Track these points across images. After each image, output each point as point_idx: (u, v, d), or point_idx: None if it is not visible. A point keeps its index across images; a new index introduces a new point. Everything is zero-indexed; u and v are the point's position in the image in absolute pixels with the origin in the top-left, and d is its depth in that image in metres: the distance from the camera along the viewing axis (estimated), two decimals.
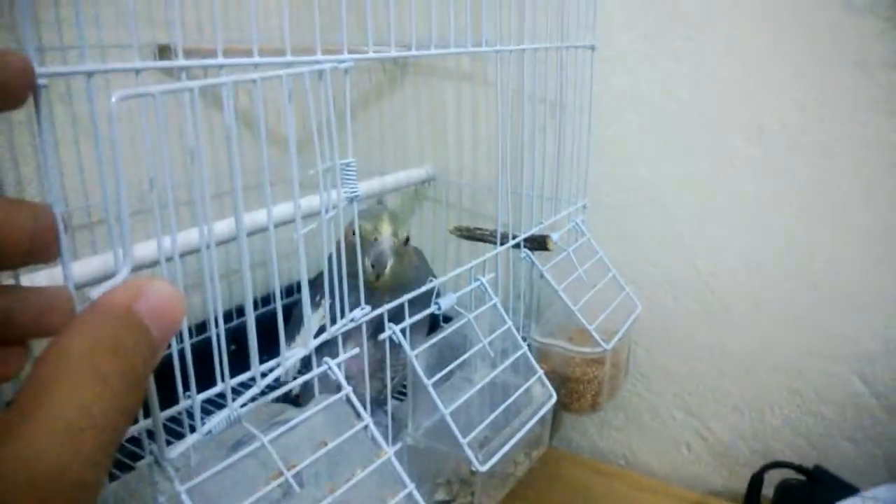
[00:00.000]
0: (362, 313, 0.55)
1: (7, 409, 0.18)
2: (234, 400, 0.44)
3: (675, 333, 0.96)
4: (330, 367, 0.52)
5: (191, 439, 0.40)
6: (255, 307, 0.50)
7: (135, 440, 0.40)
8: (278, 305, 0.47)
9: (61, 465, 0.17)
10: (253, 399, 0.45)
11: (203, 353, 0.42)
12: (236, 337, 0.47)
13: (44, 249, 0.24)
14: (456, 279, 0.69)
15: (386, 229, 0.66)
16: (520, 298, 0.82)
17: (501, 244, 0.74)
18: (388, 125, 1.13)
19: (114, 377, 0.19)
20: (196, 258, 0.44)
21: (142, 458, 0.40)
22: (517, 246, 0.77)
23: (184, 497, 0.41)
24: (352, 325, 0.54)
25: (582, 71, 0.89)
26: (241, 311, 0.58)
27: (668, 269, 0.94)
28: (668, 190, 0.92)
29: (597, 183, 0.95)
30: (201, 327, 0.53)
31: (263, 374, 0.46)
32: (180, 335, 0.39)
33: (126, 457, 0.46)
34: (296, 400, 0.67)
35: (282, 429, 0.46)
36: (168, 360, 0.37)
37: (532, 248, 0.78)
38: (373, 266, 0.64)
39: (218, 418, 0.41)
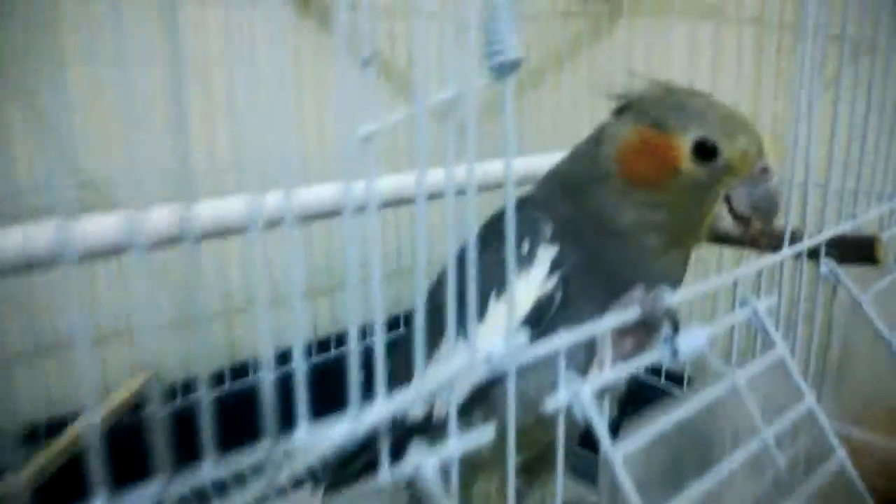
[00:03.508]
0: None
1: None
2: None
3: None
4: None
5: None
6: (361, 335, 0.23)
7: None
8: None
9: None
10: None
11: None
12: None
13: None
14: (701, 303, 0.36)
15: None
16: (809, 342, 0.46)
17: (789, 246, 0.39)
18: (585, 88, 0.82)
19: None
20: None
21: None
22: (813, 254, 0.42)
23: None
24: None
25: None
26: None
27: None
28: None
29: None
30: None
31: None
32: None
33: None
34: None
35: None
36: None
37: (842, 259, 0.43)
38: (745, 217, 0.40)
39: None
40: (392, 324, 0.85)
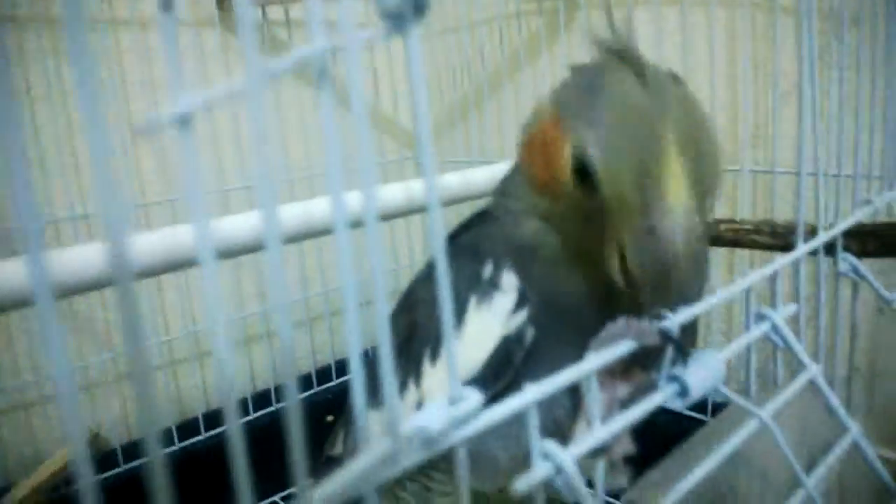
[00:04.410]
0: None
1: None
2: None
3: None
4: None
5: None
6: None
7: None
8: None
9: None
10: None
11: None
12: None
13: None
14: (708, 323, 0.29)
15: (676, 189, 0.27)
16: (830, 352, 0.39)
17: (804, 242, 0.32)
18: (547, 89, 0.75)
19: None
20: None
21: None
22: (829, 250, 0.35)
23: None
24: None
25: None
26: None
27: None
28: None
29: None
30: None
31: None
32: None
33: None
34: None
35: None
36: None
37: (863, 253, 0.36)
38: (632, 270, 0.28)
39: None
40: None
